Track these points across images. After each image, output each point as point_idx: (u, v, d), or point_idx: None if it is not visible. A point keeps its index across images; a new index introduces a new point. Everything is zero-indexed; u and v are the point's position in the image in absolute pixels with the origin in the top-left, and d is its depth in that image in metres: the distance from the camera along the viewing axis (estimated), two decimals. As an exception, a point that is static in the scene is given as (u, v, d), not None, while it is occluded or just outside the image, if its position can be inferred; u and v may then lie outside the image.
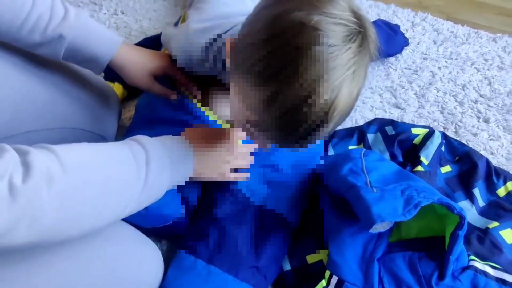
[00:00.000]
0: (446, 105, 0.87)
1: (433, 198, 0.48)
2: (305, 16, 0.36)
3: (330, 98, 0.36)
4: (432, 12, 1.13)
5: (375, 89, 0.90)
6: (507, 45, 1.01)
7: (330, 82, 0.36)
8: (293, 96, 0.36)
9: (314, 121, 0.37)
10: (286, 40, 0.36)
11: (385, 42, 0.89)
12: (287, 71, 0.36)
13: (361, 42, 0.38)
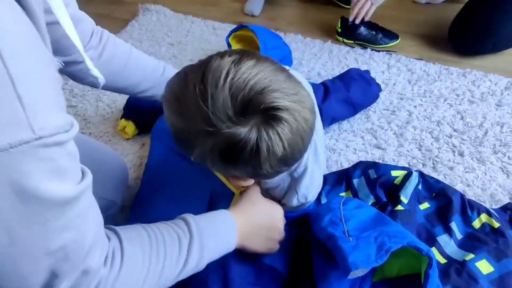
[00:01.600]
0: (423, 142, 0.94)
1: (403, 242, 0.55)
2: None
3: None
4: (406, 52, 1.23)
5: (357, 132, 0.98)
6: (476, 79, 1.10)
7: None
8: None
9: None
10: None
11: (362, 96, 0.98)
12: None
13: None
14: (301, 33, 1.35)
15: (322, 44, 1.29)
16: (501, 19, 1.09)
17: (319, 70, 1.19)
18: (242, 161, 0.44)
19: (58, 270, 0.35)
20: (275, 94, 0.42)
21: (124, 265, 0.42)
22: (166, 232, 0.48)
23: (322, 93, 0.97)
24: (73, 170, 0.35)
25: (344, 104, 0.97)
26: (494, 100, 1.03)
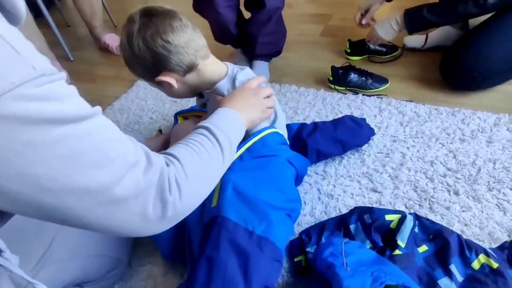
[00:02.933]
0: (418, 183, 0.97)
1: (398, 280, 0.56)
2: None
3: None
4: (396, 95, 1.29)
5: (354, 176, 1.02)
6: (465, 117, 1.14)
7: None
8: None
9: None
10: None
11: (350, 136, 1.03)
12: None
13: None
14: (295, 83, 1.43)
15: (316, 93, 1.36)
16: (489, 55, 1.15)
17: (314, 117, 1.24)
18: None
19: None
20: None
21: (187, 169, 0.53)
22: (200, 140, 0.61)
23: (311, 128, 1.06)
24: (78, 98, 0.41)
25: (330, 141, 1.04)
26: (485, 137, 1.06)
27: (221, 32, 1.44)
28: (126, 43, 0.75)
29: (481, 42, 1.17)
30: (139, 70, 0.79)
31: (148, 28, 0.72)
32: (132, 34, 0.73)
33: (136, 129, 1.34)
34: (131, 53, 0.75)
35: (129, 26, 0.74)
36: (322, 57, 1.58)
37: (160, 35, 0.72)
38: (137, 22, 0.73)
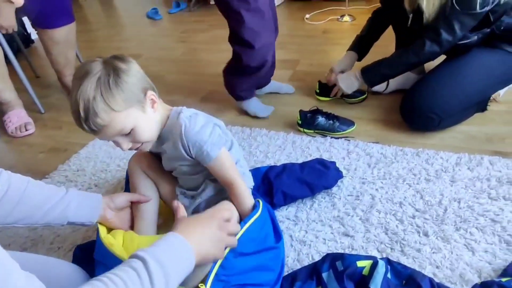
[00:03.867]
0: (389, 225, 0.97)
1: None
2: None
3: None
4: (363, 137, 1.33)
5: (325, 221, 1.01)
6: (429, 158, 1.18)
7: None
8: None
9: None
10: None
11: (316, 177, 1.04)
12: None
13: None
14: (265, 127, 1.45)
15: (286, 136, 1.38)
16: (443, 98, 1.22)
17: (284, 161, 1.25)
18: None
19: None
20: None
21: None
22: (127, 276, 0.49)
23: (278, 170, 1.08)
24: None
25: (296, 183, 1.04)
26: (448, 177, 1.10)
27: None
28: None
29: (435, 85, 1.25)
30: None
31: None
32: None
33: (102, 177, 1.30)
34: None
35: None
36: (291, 101, 1.62)
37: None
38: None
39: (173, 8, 3.28)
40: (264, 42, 1.30)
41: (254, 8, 1.23)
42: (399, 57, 1.29)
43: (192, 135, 0.80)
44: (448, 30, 1.14)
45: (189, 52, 2.37)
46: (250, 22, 1.24)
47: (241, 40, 1.29)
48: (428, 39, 1.19)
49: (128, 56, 0.78)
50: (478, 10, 1.07)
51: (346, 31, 2.36)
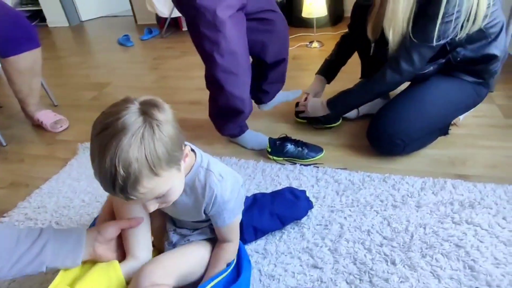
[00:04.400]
0: (357, 255, 0.97)
1: None
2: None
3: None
4: (331, 163, 1.34)
5: (294, 253, 0.99)
6: (395, 183, 1.20)
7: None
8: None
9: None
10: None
11: (288, 209, 1.03)
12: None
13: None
14: (235, 156, 1.44)
15: (256, 164, 1.38)
16: (407, 123, 1.26)
17: (254, 190, 1.24)
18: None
19: None
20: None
21: None
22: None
23: (249, 203, 1.05)
24: None
25: (268, 216, 1.03)
26: (414, 202, 1.12)
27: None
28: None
29: (399, 112, 1.28)
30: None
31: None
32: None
33: (65, 214, 1.24)
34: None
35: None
36: (261, 128, 1.63)
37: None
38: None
39: (145, 35, 3.28)
40: (237, 83, 1.27)
41: (227, 50, 1.20)
42: (363, 87, 1.33)
43: (220, 202, 0.76)
44: (407, 61, 1.19)
45: (160, 79, 2.36)
46: (222, 64, 1.22)
47: (214, 82, 1.27)
48: (390, 69, 1.23)
49: (161, 100, 0.65)
50: (434, 43, 1.12)
51: (315, 56, 2.43)
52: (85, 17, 4.16)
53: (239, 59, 1.24)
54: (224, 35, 1.17)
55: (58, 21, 4.02)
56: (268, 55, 1.42)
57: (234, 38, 1.20)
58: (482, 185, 1.15)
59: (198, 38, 1.22)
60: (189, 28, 1.25)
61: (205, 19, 1.15)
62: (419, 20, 1.12)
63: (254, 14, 1.30)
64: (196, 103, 1.92)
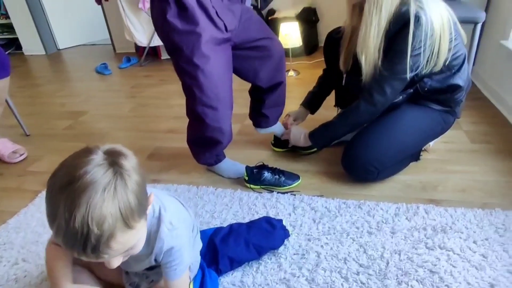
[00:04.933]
0: (334, 284, 0.96)
1: None
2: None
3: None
4: (308, 190, 1.36)
5: (271, 284, 0.98)
6: (370, 209, 1.22)
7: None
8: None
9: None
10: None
11: (264, 239, 1.03)
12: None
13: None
14: (212, 185, 1.43)
15: (233, 193, 1.37)
16: (380, 150, 1.29)
17: (231, 220, 1.23)
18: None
19: None
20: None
21: None
22: None
23: (225, 233, 1.04)
24: None
25: (244, 246, 1.01)
26: (389, 228, 1.13)
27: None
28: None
29: (372, 139, 1.32)
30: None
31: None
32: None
33: (33, 250, 1.18)
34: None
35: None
36: (239, 156, 1.63)
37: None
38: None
39: (123, 63, 3.29)
40: (217, 117, 1.27)
41: (206, 85, 1.20)
42: (341, 119, 1.36)
43: (171, 252, 0.74)
44: (380, 93, 1.23)
45: (137, 107, 2.35)
46: (202, 99, 1.22)
47: (194, 114, 1.28)
48: (364, 101, 1.27)
49: (123, 147, 0.62)
50: (404, 76, 1.18)
51: (291, 85, 2.49)
52: (62, 45, 4.15)
53: (220, 94, 1.24)
54: (202, 71, 1.18)
55: (35, 49, 3.98)
56: (263, 80, 1.43)
57: (214, 73, 1.20)
58: (453, 209, 1.18)
59: (178, 71, 1.24)
60: (171, 59, 1.26)
61: (184, 55, 1.16)
62: (389, 54, 1.18)
63: (245, 44, 1.32)
64: (174, 131, 1.92)
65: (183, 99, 1.31)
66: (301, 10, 2.95)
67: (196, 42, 1.14)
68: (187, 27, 1.13)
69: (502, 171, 1.37)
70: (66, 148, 1.85)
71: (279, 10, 3.05)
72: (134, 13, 3.01)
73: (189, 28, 1.13)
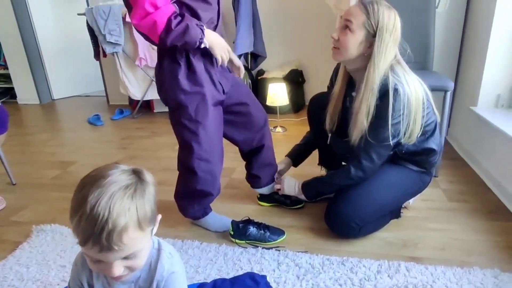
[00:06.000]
0: None
1: None
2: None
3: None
4: (293, 246, 1.37)
5: None
6: (353, 266, 1.24)
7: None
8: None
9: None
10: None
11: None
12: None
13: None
14: (197, 239, 1.44)
15: (218, 248, 1.37)
16: (361, 207, 1.34)
17: (215, 276, 1.22)
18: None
19: None
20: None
21: None
22: None
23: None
24: None
25: None
26: (371, 286, 1.14)
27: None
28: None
29: (353, 196, 1.37)
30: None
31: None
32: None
33: (7, 305, 1.14)
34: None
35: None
36: (225, 210, 1.66)
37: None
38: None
39: (116, 115, 3.38)
40: (210, 169, 1.34)
41: (205, 140, 1.29)
42: (333, 179, 1.42)
43: (172, 278, 0.76)
44: (367, 159, 1.31)
45: (127, 159, 2.39)
46: (199, 153, 1.30)
47: (188, 167, 1.33)
48: (353, 166, 1.34)
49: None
50: (388, 142, 1.26)
51: (279, 140, 2.59)
52: (57, 95, 4.27)
53: (215, 148, 1.34)
54: (204, 127, 1.28)
55: (29, 98, 4.08)
56: (244, 144, 1.52)
57: (212, 129, 1.31)
58: (433, 267, 1.21)
59: (178, 127, 1.31)
60: (170, 115, 1.34)
61: (187, 112, 1.26)
62: (374, 123, 1.26)
63: (232, 107, 1.43)
64: (161, 183, 1.95)
65: (172, 151, 1.37)
66: (289, 72, 3.16)
67: (201, 101, 1.26)
68: (194, 88, 1.25)
69: (479, 230, 1.43)
70: (52, 198, 1.84)
71: (268, 71, 3.26)
72: (131, 69, 3.18)
73: (196, 89, 1.25)
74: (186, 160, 1.33)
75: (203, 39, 1.16)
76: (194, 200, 1.44)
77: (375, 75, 1.21)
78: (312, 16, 3.12)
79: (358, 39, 1.22)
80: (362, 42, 1.23)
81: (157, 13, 1.07)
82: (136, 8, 1.08)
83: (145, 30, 1.12)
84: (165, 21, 1.08)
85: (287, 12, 3.22)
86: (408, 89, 1.20)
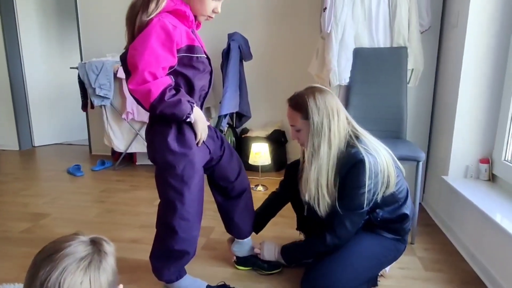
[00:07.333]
0: None
1: None
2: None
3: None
4: None
5: None
6: None
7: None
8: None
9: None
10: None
11: None
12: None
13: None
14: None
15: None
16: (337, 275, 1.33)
17: None
18: None
19: None
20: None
21: None
22: None
23: None
24: None
25: None
26: None
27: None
28: None
29: (328, 264, 1.38)
30: None
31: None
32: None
33: None
34: None
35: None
36: (201, 272, 1.61)
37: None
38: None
39: (97, 166, 3.35)
40: (190, 228, 1.35)
41: (189, 200, 1.31)
42: (309, 246, 1.45)
43: None
44: (342, 228, 1.34)
45: (104, 213, 2.33)
46: (182, 213, 1.31)
47: (169, 226, 1.33)
48: (328, 234, 1.36)
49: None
50: (361, 210, 1.31)
51: (259, 199, 2.56)
52: (38, 142, 4.22)
53: (197, 207, 1.36)
54: (189, 187, 1.30)
55: (8, 144, 4.02)
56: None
57: (196, 189, 1.34)
58: None
59: (164, 185, 1.33)
60: (157, 172, 1.35)
61: (175, 172, 1.29)
62: (344, 192, 1.32)
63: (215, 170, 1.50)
64: (138, 241, 1.89)
65: (151, 207, 1.36)
66: (272, 132, 3.27)
67: (188, 163, 1.29)
68: (182, 150, 1.29)
69: (454, 302, 1.43)
70: (18, 254, 1.75)
71: (252, 130, 3.37)
72: (117, 122, 3.22)
73: (184, 150, 1.29)
74: (168, 219, 1.32)
75: (190, 115, 1.24)
76: (170, 262, 1.40)
77: (330, 151, 1.30)
78: (296, 80, 3.32)
79: (309, 131, 1.33)
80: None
81: (154, 83, 1.15)
82: (135, 75, 1.16)
83: (139, 96, 1.18)
84: (159, 91, 1.15)
85: (272, 77, 3.42)
86: (377, 158, 1.28)
